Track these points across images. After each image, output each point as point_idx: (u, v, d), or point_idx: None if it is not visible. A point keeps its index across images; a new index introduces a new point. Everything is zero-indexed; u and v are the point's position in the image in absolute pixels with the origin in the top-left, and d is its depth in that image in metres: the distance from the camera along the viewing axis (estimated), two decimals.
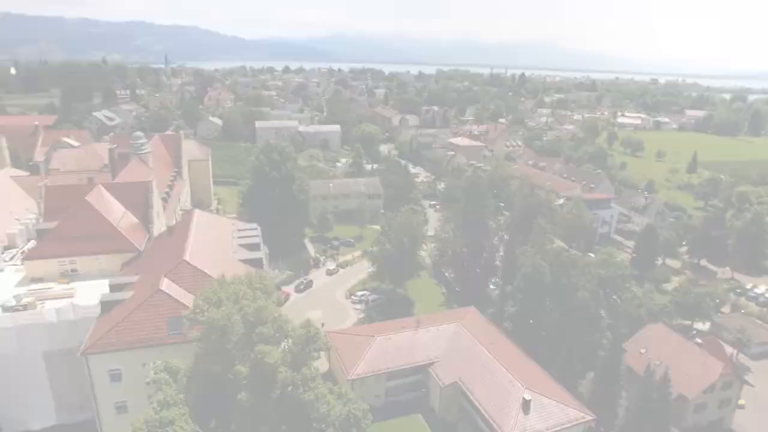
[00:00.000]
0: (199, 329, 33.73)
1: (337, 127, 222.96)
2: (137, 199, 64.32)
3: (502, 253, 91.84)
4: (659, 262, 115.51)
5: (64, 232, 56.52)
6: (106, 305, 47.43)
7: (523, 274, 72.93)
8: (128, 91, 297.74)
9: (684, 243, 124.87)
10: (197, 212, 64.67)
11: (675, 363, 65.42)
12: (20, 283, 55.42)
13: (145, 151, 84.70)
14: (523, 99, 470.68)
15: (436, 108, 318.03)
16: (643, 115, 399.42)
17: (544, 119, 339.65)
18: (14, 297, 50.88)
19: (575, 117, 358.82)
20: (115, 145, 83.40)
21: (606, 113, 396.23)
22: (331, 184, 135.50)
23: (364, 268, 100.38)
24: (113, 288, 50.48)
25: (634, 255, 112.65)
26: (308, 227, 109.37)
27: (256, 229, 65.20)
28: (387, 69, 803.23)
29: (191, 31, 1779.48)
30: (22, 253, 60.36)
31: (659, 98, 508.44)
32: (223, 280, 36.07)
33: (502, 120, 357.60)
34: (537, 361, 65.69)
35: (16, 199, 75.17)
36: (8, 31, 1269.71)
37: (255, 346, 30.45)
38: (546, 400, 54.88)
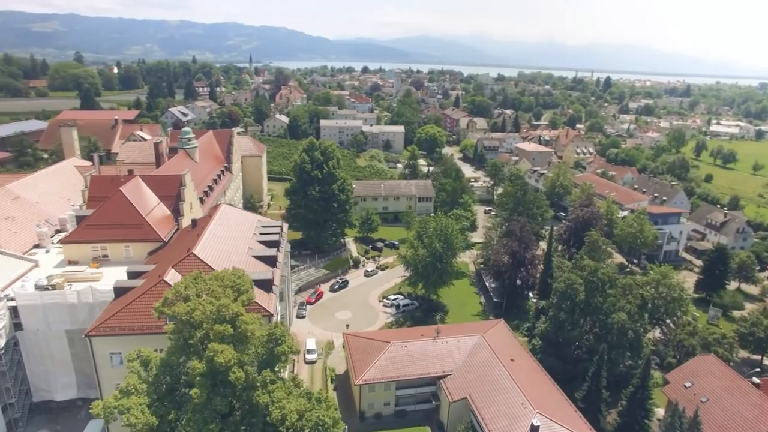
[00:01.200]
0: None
1: (401, 128, 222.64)
2: (171, 192, 67.34)
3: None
4: (732, 286, 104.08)
5: (99, 219, 60.24)
6: (118, 291, 49.86)
7: (555, 289, 68.38)
8: (208, 89, 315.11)
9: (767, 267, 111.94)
10: (224, 206, 66.50)
11: (724, 402, 58.25)
12: (58, 265, 59.72)
13: (191, 145, 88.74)
14: (606, 104, 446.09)
15: (508, 112, 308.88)
16: (742, 123, 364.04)
17: (625, 126, 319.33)
18: (47, 277, 54.84)
19: (662, 124, 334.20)
20: (160, 140, 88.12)
21: (698, 121, 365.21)
22: (382, 185, 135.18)
23: (402, 272, 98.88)
24: (130, 275, 53.03)
25: (700, 276, 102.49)
26: (352, 227, 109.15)
27: (278, 226, 65.87)
28: (467, 71, 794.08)
29: (279, 31, 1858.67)
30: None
31: (765, 104, 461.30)
32: (198, 275, 36.42)
33: (579, 126, 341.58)
34: (562, 384, 61.14)
35: (75, 187, 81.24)
36: (119, 34, 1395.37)
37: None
38: (558, 428, 50.69)
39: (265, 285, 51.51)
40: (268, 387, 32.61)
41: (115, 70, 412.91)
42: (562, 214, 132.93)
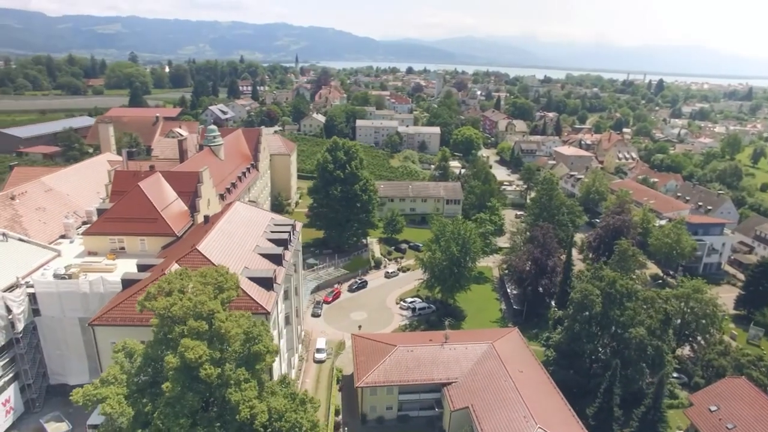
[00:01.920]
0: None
1: (436, 130, 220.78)
2: (188, 188, 68.94)
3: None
4: None
5: (117, 213, 62.35)
6: (126, 282, 51.33)
7: (572, 299, 65.71)
8: (251, 88, 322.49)
9: None
10: (237, 204, 67.50)
11: (753, 431, 54.28)
12: (79, 255, 62.19)
13: (216, 143, 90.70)
14: (657, 108, 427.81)
15: (550, 114, 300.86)
16: None
17: (676, 131, 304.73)
18: (66, 267, 57.21)
19: (717, 129, 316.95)
20: (184, 137, 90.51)
21: (759, 126, 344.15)
22: (410, 186, 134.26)
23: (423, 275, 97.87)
24: (140, 268, 54.54)
25: (742, 292, 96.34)
26: (375, 228, 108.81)
27: (290, 225, 66.20)
28: (513, 72, 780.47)
29: (326, 31, 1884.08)
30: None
31: None
32: (184, 271, 36.91)
33: (626, 130, 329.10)
34: (575, 398, 58.67)
35: (106, 181, 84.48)
36: (174, 34, 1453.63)
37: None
38: None
39: (266, 283, 51.80)
40: (242, 385, 32.56)
41: (167, 70, 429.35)
42: (597, 220, 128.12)
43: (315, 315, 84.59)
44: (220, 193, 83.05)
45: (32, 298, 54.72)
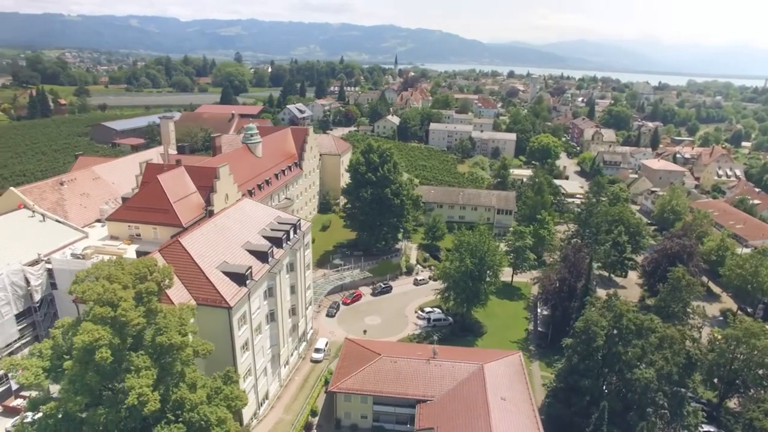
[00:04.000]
0: None
1: (512, 136, 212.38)
2: (207, 182, 72.75)
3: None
4: None
5: (136, 202, 67.54)
6: None
7: (575, 328, 59.92)
8: (338, 88, 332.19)
9: None
10: (244, 200, 69.99)
11: None
12: (103, 239, 68.35)
13: (254, 141, 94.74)
14: None
15: (650, 124, 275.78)
16: None
17: None
18: (85, 248, 63.22)
19: None
20: (219, 134, 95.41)
21: None
22: (461, 193, 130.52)
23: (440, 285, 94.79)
24: (138, 254, 58.66)
25: None
26: (407, 232, 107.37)
27: (293, 224, 67.27)
28: (626, 78, 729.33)
29: (434, 34, 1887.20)
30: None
31: None
32: (110, 261, 39.15)
33: (745, 144, 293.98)
34: None
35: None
36: (287, 36, 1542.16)
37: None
38: None
39: (239, 278, 53.27)
40: (141, 372, 33.88)
41: (269, 69, 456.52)
42: None
43: (330, 315, 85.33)
44: (249, 189, 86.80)
45: (50, 273, 61.31)
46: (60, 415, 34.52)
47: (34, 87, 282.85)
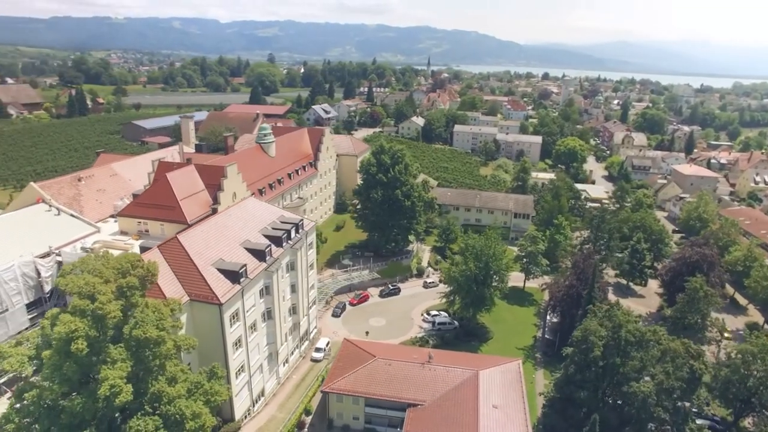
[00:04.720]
0: None
1: (537, 139, 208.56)
2: (215, 181, 74.25)
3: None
4: None
5: (145, 199, 69.57)
6: None
7: (573, 337, 58.42)
8: (366, 89, 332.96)
9: None
10: (249, 199, 71.13)
11: None
12: (114, 233, 70.69)
13: (267, 141, 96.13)
14: None
15: (685, 128, 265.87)
16: None
17: None
18: (94, 242, 65.55)
19: None
20: (231, 133, 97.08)
21: None
22: (478, 196, 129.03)
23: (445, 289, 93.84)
24: (141, 250, 60.48)
25: None
26: (418, 235, 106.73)
27: (295, 224, 67.95)
28: (667, 80, 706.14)
29: (469, 35, 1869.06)
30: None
31: None
32: (97, 255, 40.40)
33: None
34: None
35: None
36: (324, 37, 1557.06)
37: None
38: None
39: (233, 276, 54.19)
40: (117, 364, 34.91)
41: (301, 70, 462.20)
42: None
43: (335, 315, 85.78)
44: (260, 188, 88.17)
45: (60, 265, 63.73)
46: (41, 402, 35.92)
47: (76, 87, 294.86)
